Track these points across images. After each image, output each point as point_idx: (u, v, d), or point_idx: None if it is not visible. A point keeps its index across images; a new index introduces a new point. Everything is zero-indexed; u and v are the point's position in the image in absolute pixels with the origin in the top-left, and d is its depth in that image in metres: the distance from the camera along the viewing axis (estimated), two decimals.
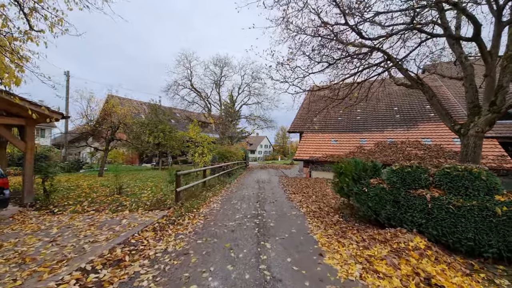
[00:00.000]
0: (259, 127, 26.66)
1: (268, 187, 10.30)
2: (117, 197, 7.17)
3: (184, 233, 4.37)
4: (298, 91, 11.57)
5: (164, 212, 5.64)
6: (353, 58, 9.79)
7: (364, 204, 4.73)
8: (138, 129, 15.37)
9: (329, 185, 10.86)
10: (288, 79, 10.67)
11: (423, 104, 16.87)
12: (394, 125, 15.78)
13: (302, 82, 11.26)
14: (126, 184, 9.79)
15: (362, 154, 14.09)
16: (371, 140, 15.10)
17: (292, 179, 13.78)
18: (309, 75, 9.95)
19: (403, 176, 4.27)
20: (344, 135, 16.24)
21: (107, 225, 4.85)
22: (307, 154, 15.36)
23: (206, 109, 26.50)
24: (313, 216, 5.62)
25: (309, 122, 18.48)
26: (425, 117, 15.61)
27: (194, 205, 6.29)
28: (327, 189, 9.73)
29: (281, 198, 7.94)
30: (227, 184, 10.90)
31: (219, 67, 24.90)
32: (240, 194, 8.47)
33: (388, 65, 10.27)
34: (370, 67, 10.00)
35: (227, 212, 5.96)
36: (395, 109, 17.30)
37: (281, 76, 10.92)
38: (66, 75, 15.68)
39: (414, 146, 13.71)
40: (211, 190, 8.73)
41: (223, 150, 16.90)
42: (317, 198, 7.88)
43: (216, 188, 9.48)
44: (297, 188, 10.09)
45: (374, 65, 10.15)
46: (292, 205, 6.82)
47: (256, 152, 61.10)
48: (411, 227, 4.02)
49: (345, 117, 18.07)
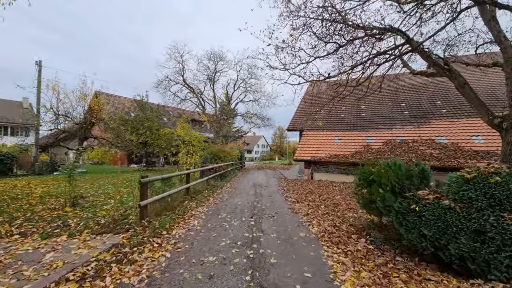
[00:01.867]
0: (255, 125, 24.97)
1: (265, 193, 8.58)
2: (67, 211, 5.37)
3: (131, 284, 2.63)
4: (300, 82, 9.92)
5: (117, 238, 3.88)
6: (367, 40, 8.16)
7: (413, 229, 3.05)
8: (117, 126, 13.51)
9: (338, 191, 9.19)
10: (289, 66, 8.99)
11: (433, 100, 15.35)
12: (403, 122, 14.21)
13: (305, 71, 9.62)
14: (93, 191, 7.98)
15: (370, 154, 12.48)
16: (379, 138, 13.50)
17: (292, 182, 12.09)
18: (314, 60, 8.27)
19: (489, 190, 2.59)
20: (349, 133, 14.62)
21: (20, 263, 3.08)
22: (309, 154, 13.70)
23: (200, 107, 24.68)
24: (331, 242, 3.92)
25: (310, 119, 16.82)
26: (437, 113, 14.07)
27: (166, 223, 4.53)
28: (337, 195, 8.05)
29: (283, 209, 6.23)
30: (218, 189, 9.15)
31: (213, 62, 23.14)
32: (231, 204, 6.73)
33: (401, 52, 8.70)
34: (385, 52, 8.37)
35: (209, 234, 4.23)
36: (402, 105, 15.75)
37: (281, 64, 9.26)
38: (37, 65, 13.75)
39: (428, 145, 12.15)
40: (196, 199, 6.97)
41: (216, 149, 15.14)
42: (327, 208, 6.19)
43: (204, 195, 7.73)
44: (300, 194, 8.40)
45: (390, 49, 8.56)
46: (298, 221, 5.11)
47: (253, 152, 59.34)
48: (508, 275, 2.36)
49: (348, 114, 16.47)
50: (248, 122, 25.04)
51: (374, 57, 8.91)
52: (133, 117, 15.61)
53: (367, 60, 8.79)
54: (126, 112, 16.49)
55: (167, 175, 5.41)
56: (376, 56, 8.93)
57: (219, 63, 23.25)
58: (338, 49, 7.93)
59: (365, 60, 8.76)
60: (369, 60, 9.01)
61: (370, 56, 8.74)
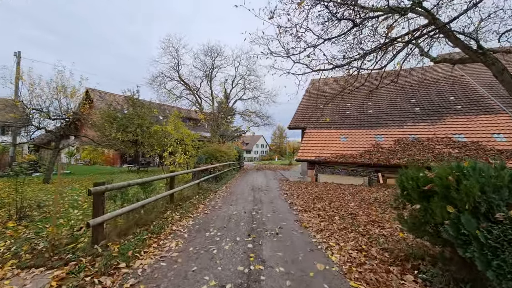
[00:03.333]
0: (255, 124, 23.61)
1: (266, 199, 7.28)
2: (8, 226, 4.05)
3: None
4: (306, 71, 8.64)
5: (46, 277, 2.57)
6: (386, 18, 6.89)
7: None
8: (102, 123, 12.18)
9: (349, 196, 7.90)
10: (293, 52, 7.71)
11: (446, 96, 14.10)
12: (415, 119, 12.95)
13: (311, 60, 8.35)
14: (61, 197, 6.66)
15: (380, 153, 11.21)
16: (389, 136, 12.24)
17: (295, 184, 10.80)
18: (324, 42, 6.98)
19: None
20: (355, 131, 13.34)
21: None
22: (313, 154, 12.41)
23: (197, 105, 23.35)
24: (364, 281, 2.62)
25: (314, 116, 15.54)
26: (451, 109, 12.82)
27: (129, 247, 3.22)
28: (350, 202, 6.75)
29: (288, 221, 4.93)
30: (211, 194, 7.84)
31: (210, 57, 21.81)
32: (225, 214, 5.43)
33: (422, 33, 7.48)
34: (408, 34, 7.10)
35: (187, 267, 2.92)
36: (412, 102, 14.50)
37: (283, 50, 7.98)
38: (16, 56, 12.41)
39: (445, 143, 10.89)
40: (182, 208, 5.66)
41: (212, 149, 13.83)
42: (343, 221, 4.89)
43: (192, 202, 6.42)
44: (306, 200, 7.10)
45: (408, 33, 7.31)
46: (310, 241, 3.82)
47: (252, 152, 58.02)
48: None
49: (354, 111, 15.19)
50: (247, 121, 23.73)
51: (392, 41, 7.67)
52: (122, 114, 14.29)
53: (383, 45, 7.54)
54: (116, 109, 15.15)
55: (134, 182, 4.08)
56: (394, 41, 7.70)
57: (216, 59, 21.95)
58: (352, 30, 6.64)
59: (382, 45, 7.52)
60: (384, 46, 7.77)
61: (386, 41, 7.51)
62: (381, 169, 10.93)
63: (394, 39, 7.55)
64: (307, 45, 7.17)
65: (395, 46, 8.15)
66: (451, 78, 15.49)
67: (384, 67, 8.63)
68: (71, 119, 9.66)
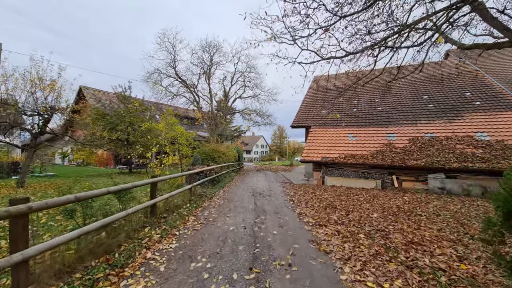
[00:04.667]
0: (255, 123, 22.41)
1: (270, 207, 6.10)
2: None
3: None
4: (314, 60, 7.52)
5: None
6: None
7: None
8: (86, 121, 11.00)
9: (365, 203, 6.72)
10: (301, 34, 6.56)
11: (461, 91, 12.96)
12: (430, 116, 11.79)
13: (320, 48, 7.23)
14: None
15: (394, 153, 10.05)
16: (402, 135, 11.08)
17: (300, 188, 9.62)
18: (339, 21, 5.83)
19: None
20: (364, 129, 12.18)
21: None
22: (319, 154, 11.25)
23: (195, 103, 22.15)
24: None
25: (318, 114, 14.40)
26: (469, 106, 11.68)
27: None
28: (371, 212, 5.57)
29: (301, 243, 3.74)
30: (206, 201, 6.66)
31: (208, 54, 20.61)
32: (219, 231, 4.24)
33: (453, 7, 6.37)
34: (440, 11, 5.95)
35: None
36: (425, 98, 13.34)
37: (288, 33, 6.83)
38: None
39: (466, 142, 9.73)
40: (166, 222, 4.47)
41: (208, 149, 12.66)
42: (373, 241, 3.71)
43: (181, 213, 5.23)
44: (317, 209, 5.91)
45: (433, 14, 6.18)
46: (340, 280, 2.61)
47: (252, 152, 56.82)
48: None
49: (362, 108, 14.03)
50: (247, 119, 22.51)
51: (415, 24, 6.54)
52: (112, 111, 13.12)
53: (407, 26, 6.40)
54: (105, 106, 13.98)
55: (98, 192, 2.90)
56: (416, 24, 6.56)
57: (215, 55, 20.73)
58: (376, 2, 5.48)
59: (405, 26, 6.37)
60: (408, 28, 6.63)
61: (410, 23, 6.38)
62: (395, 171, 9.77)
63: (418, 21, 6.41)
64: (318, 25, 6.00)
65: (415, 30, 7.01)
66: (467, 74, 14.39)
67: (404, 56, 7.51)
68: (49, 115, 8.47)
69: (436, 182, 9.02)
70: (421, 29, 6.75)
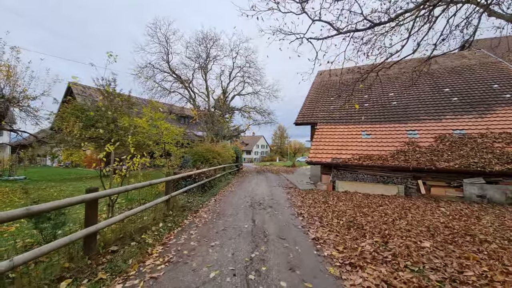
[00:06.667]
0: (254, 122, 20.77)
1: (273, 228, 4.43)
2: None
3: None
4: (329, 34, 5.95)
5: None
6: None
7: None
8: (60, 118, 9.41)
9: (399, 219, 5.02)
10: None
11: (488, 83, 11.26)
12: (455, 111, 10.12)
13: (337, 18, 5.67)
14: None
15: (419, 153, 8.38)
16: (426, 132, 9.40)
17: (307, 194, 7.95)
18: None
19: None
20: (380, 126, 10.51)
21: None
22: (328, 155, 9.57)
23: (191, 100, 20.48)
24: None
25: (325, 109, 12.73)
26: (499, 99, 10.01)
27: None
28: (416, 235, 3.89)
29: None
30: (188, 217, 5.00)
31: (205, 47, 18.99)
32: (189, 284, 2.60)
33: None
34: None
35: None
36: (446, 91, 11.66)
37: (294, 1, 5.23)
38: None
39: (506, 140, 8.05)
40: (109, 264, 2.82)
41: (202, 149, 11.01)
42: None
43: (144, 242, 3.57)
44: (338, 229, 4.23)
45: None
46: None
47: (252, 152, 55.13)
48: None
49: (374, 103, 12.36)
50: (246, 117, 20.87)
51: None
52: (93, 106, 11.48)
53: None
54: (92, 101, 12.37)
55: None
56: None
57: (212, 48, 19.08)
58: None
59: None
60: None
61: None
62: (422, 174, 8.10)
63: None
64: None
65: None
66: (490, 65, 12.72)
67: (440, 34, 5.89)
68: (2, 108, 6.83)
69: (473, 188, 7.34)
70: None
